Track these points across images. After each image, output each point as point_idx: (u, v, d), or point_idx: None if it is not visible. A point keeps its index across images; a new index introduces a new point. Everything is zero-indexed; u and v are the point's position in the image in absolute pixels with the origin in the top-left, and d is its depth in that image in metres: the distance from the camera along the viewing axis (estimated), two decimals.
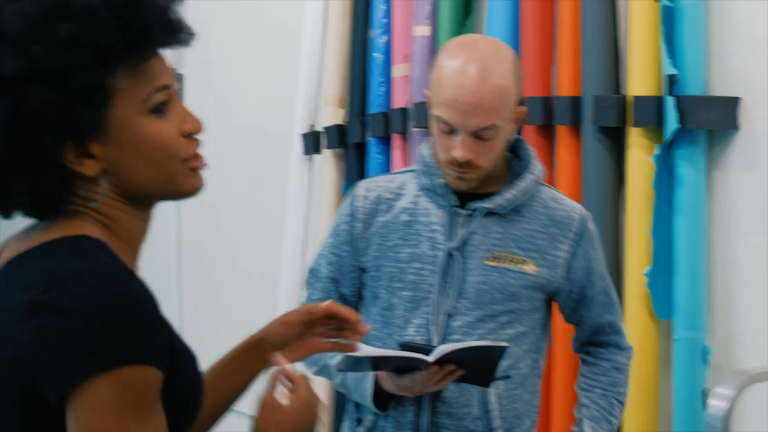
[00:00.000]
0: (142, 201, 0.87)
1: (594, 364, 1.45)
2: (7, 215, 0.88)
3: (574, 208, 1.41)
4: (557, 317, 1.50)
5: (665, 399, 1.75)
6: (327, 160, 2.58)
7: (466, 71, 1.29)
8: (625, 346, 1.47)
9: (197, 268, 3.06)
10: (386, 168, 2.37)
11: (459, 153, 1.29)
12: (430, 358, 1.24)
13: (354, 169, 2.48)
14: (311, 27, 2.60)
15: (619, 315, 1.48)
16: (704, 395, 1.65)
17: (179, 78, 2.85)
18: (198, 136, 0.88)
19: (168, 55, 0.87)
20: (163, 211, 1.10)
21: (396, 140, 2.32)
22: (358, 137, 2.45)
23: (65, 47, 0.79)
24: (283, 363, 0.94)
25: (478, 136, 1.30)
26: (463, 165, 1.31)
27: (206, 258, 3.12)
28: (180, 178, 0.87)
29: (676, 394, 1.70)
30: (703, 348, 1.69)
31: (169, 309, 1.03)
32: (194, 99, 2.84)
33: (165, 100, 0.85)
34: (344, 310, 1.05)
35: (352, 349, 1.08)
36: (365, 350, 1.26)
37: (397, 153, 2.32)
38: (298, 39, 2.65)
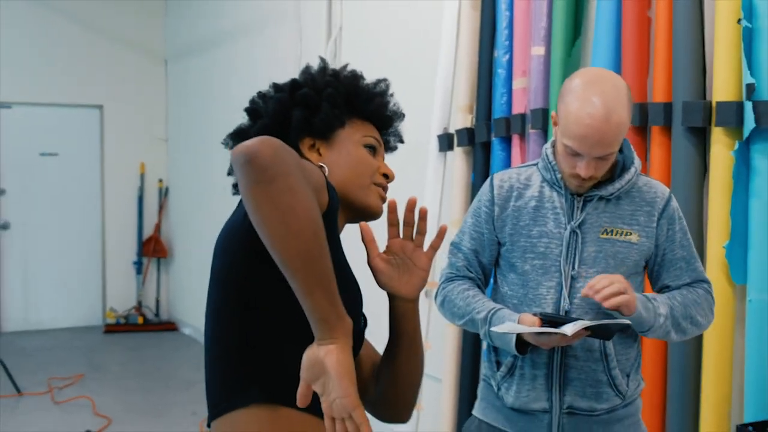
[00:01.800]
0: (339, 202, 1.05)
1: (678, 288, 1.54)
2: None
3: (661, 189, 1.55)
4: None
5: (739, 350, 1.89)
6: (458, 157, 2.76)
7: (592, 113, 1.38)
8: (710, 290, 1.54)
9: (347, 249, 3.32)
10: (508, 163, 2.53)
11: (583, 172, 1.43)
12: (569, 333, 1.35)
13: (481, 164, 2.67)
14: (446, 49, 2.78)
15: (702, 274, 1.55)
16: None
17: None
18: (388, 183, 1.11)
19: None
20: None
21: (516, 140, 2.50)
22: (484, 137, 2.63)
23: (330, 77, 1.13)
24: (366, 228, 1.04)
25: (599, 158, 1.43)
26: (584, 179, 1.46)
27: (356, 237, 3.40)
28: (368, 192, 1.08)
29: (749, 345, 1.83)
30: None
31: None
32: None
33: (375, 145, 1.11)
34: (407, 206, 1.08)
35: (443, 230, 1.11)
36: (517, 328, 1.41)
37: (516, 150, 2.50)
38: (435, 59, 2.85)
